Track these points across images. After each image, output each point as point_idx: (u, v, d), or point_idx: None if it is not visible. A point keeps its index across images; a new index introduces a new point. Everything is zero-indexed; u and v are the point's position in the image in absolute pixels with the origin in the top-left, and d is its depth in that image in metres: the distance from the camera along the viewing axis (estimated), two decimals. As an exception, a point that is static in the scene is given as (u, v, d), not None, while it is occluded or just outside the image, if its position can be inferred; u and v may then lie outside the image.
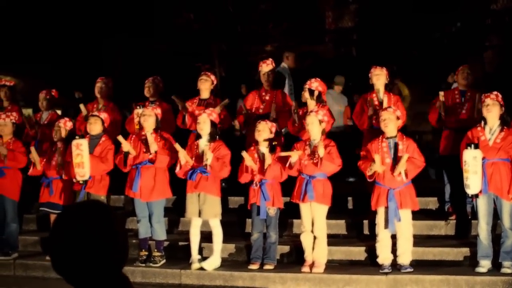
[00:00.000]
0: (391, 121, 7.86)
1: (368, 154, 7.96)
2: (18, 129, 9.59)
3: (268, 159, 8.06)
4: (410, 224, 7.89)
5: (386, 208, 7.74)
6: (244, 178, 8.24)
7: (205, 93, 9.48)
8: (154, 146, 8.37)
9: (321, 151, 7.77)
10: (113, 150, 8.74)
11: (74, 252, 2.24)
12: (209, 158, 8.07)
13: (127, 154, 8.45)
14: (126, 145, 8.43)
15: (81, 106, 9.74)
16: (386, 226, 7.77)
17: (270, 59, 9.61)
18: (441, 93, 8.75)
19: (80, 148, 8.35)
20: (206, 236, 8.45)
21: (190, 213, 8.29)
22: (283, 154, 8.00)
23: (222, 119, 8.96)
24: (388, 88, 9.29)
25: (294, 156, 7.90)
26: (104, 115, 8.94)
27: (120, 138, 8.46)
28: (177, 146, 8.23)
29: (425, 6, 14.77)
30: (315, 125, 8.01)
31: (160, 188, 8.51)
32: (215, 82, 9.62)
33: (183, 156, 8.18)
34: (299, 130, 8.76)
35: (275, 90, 9.46)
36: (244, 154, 8.09)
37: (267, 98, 9.37)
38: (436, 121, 8.90)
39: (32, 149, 8.98)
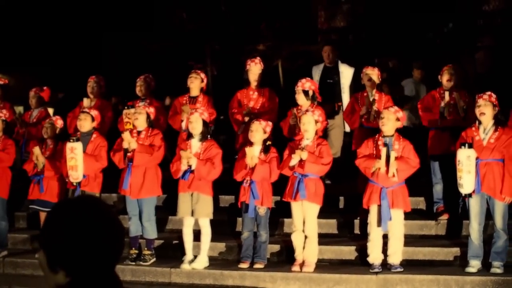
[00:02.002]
0: (390, 120, 7.85)
1: (366, 152, 7.94)
2: (8, 127, 9.54)
3: (255, 158, 8.04)
4: (402, 224, 7.88)
5: (378, 206, 7.74)
6: (240, 176, 8.21)
7: (194, 91, 9.47)
8: (132, 144, 8.34)
9: (304, 155, 7.77)
10: (106, 147, 8.73)
11: (66, 246, 2.19)
12: (192, 164, 8.05)
13: (126, 151, 8.42)
14: (127, 141, 8.38)
15: (85, 100, 9.75)
16: (379, 224, 7.77)
17: (258, 58, 9.59)
18: (446, 96, 8.73)
19: (74, 152, 8.33)
20: (195, 235, 8.41)
21: (182, 212, 8.26)
22: (292, 163, 7.94)
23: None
24: (380, 87, 9.30)
25: (294, 159, 7.87)
26: (94, 112, 8.90)
27: (124, 134, 8.41)
28: (187, 154, 8.14)
29: (419, 6, 14.80)
30: (311, 125, 8.00)
31: (149, 186, 8.48)
32: (205, 80, 9.60)
33: (193, 162, 8.11)
34: (294, 134, 8.72)
35: (262, 89, 9.44)
36: (247, 150, 8.04)
37: (254, 96, 9.36)
38: (429, 122, 8.89)
39: (36, 149, 8.87)
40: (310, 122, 8.00)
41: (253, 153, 8.06)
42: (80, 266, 2.21)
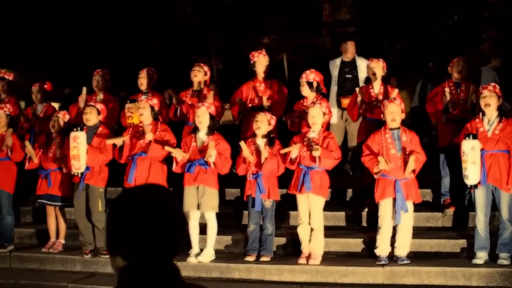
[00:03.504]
0: (399, 114, 7.85)
1: (371, 149, 7.91)
2: (13, 122, 9.54)
3: (264, 152, 8.02)
4: (412, 216, 7.86)
5: (393, 199, 7.71)
6: (241, 170, 8.21)
7: (198, 84, 9.45)
8: (149, 136, 8.35)
9: (317, 152, 7.74)
10: None
11: (121, 231, 2.28)
12: (212, 155, 8.03)
13: (121, 147, 8.47)
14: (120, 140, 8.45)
15: (84, 89, 9.74)
16: (393, 217, 7.74)
17: (264, 50, 9.59)
18: (447, 90, 8.72)
19: (77, 141, 8.32)
20: (201, 228, 8.40)
21: (188, 206, 8.25)
22: (284, 150, 7.95)
23: (218, 111, 8.94)
24: (385, 80, 9.28)
25: (294, 151, 7.86)
26: (100, 106, 8.90)
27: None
28: (167, 148, 8.20)
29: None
30: (320, 117, 8.00)
31: (154, 179, 8.45)
32: (208, 73, 9.58)
33: (178, 154, 8.15)
34: (298, 128, 8.73)
35: (269, 80, 9.43)
36: (242, 144, 8.05)
37: (261, 88, 9.35)
38: (434, 115, 8.88)
39: (27, 143, 8.92)
40: (319, 115, 7.99)
41: (247, 148, 8.06)
42: (135, 252, 2.27)
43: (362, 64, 10.64)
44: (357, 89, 9.14)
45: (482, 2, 15.29)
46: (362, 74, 10.58)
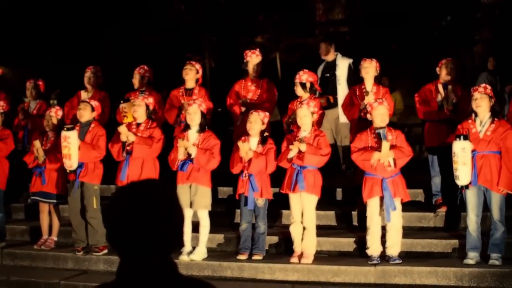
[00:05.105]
0: (387, 115, 7.94)
1: (361, 145, 7.94)
2: (7, 119, 9.52)
3: (250, 152, 8.03)
4: (401, 215, 7.88)
5: (381, 198, 7.74)
6: (237, 169, 8.20)
7: (190, 83, 9.46)
8: (130, 137, 8.34)
9: (302, 147, 7.77)
10: (104, 136, 8.70)
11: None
12: (192, 152, 8.04)
13: (124, 144, 8.42)
14: (125, 135, 8.39)
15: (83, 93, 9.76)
16: (381, 214, 7.77)
17: (258, 49, 9.62)
18: (440, 87, 8.77)
19: (68, 141, 8.30)
20: (193, 226, 8.40)
21: (181, 204, 8.20)
22: (290, 156, 7.93)
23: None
24: (377, 80, 9.29)
25: (293, 151, 7.87)
26: (94, 103, 8.88)
27: (121, 128, 8.43)
28: (184, 143, 8.14)
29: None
30: (308, 118, 8.02)
31: (146, 177, 8.41)
32: (200, 72, 9.59)
33: (193, 150, 8.11)
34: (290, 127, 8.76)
35: (260, 80, 9.46)
36: (240, 144, 8.05)
37: (252, 88, 9.36)
38: (425, 114, 8.91)
39: (37, 142, 8.82)
40: (306, 115, 8.01)
41: (247, 147, 8.05)
42: (130, 248, 2.30)
43: (341, 63, 10.68)
44: (364, 91, 9.13)
45: (475, 3, 15.34)
46: (341, 73, 10.60)
